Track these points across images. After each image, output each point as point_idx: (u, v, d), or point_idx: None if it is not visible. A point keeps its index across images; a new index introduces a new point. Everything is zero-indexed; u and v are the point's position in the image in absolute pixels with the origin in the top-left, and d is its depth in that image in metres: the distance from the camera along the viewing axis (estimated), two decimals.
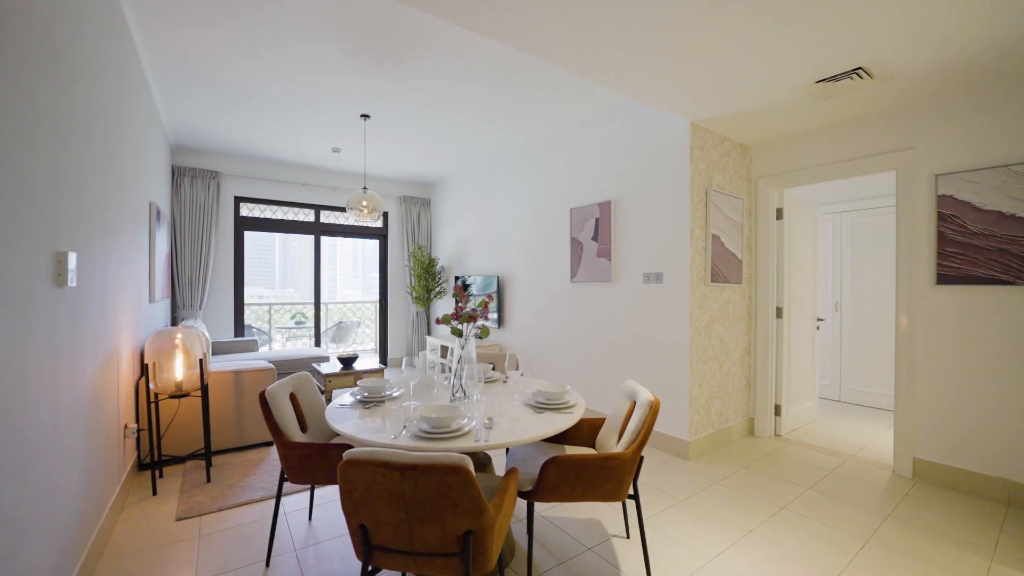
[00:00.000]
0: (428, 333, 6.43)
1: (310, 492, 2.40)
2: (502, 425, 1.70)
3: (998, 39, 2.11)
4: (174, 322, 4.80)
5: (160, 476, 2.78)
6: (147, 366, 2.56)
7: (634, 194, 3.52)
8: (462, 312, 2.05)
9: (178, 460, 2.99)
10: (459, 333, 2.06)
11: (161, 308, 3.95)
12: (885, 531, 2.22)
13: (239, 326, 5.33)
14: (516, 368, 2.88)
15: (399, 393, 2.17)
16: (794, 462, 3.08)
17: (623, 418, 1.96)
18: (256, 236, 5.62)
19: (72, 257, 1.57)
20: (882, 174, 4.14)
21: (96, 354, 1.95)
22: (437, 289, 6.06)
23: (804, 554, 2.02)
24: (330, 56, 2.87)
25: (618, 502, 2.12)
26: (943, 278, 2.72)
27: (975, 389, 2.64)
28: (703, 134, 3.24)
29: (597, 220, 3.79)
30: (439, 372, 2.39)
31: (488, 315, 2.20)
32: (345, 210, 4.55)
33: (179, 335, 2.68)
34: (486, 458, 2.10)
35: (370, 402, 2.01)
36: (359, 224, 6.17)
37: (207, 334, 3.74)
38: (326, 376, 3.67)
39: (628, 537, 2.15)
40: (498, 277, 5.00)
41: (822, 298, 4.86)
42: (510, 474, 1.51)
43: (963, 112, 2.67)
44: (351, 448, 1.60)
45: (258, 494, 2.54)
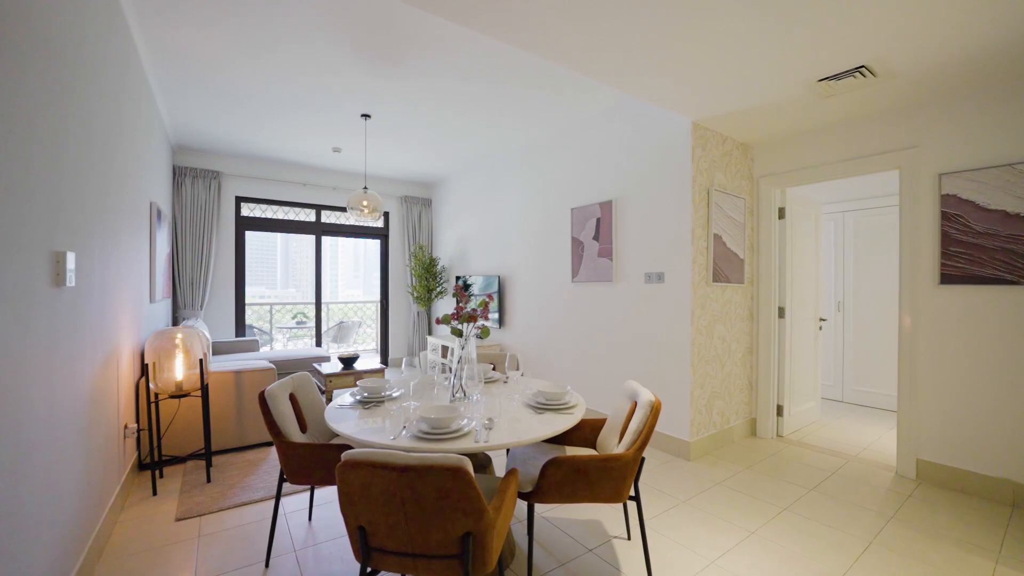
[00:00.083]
0: (429, 333, 6.42)
1: (310, 492, 2.39)
2: (502, 426, 1.69)
3: (1002, 36, 2.09)
4: (175, 322, 4.80)
5: (160, 476, 2.78)
6: (147, 366, 2.56)
7: (635, 193, 3.51)
8: (462, 312, 2.04)
9: (178, 460, 2.99)
10: (459, 333, 2.05)
11: (162, 308, 3.95)
12: (888, 533, 2.20)
13: (240, 326, 5.33)
14: (517, 368, 2.88)
15: (399, 393, 2.16)
16: (796, 463, 3.07)
17: (624, 419, 1.95)
18: (258, 236, 5.63)
19: (71, 257, 1.57)
20: (885, 173, 4.12)
21: (95, 354, 1.94)
22: (438, 289, 6.06)
23: (806, 556, 2.01)
24: (331, 56, 2.87)
25: (619, 503, 2.10)
26: (947, 278, 2.70)
27: (979, 390, 2.62)
28: (704, 133, 3.23)
29: (598, 220, 3.78)
30: (439, 372, 2.37)
31: (488, 315, 2.19)
32: (346, 210, 4.55)
33: (179, 335, 2.68)
34: (486, 459, 2.09)
35: (370, 402, 2.00)
36: (360, 224, 6.16)
37: (208, 334, 3.74)
38: (327, 376, 3.67)
39: (629, 538, 2.14)
40: (499, 277, 4.99)
41: (825, 298, 4.84)
42: (510, 475, 1.50)
43: (967, 110, 2.65)
44: (350, 449, 1.59)
45: (258, 494, 2.54)
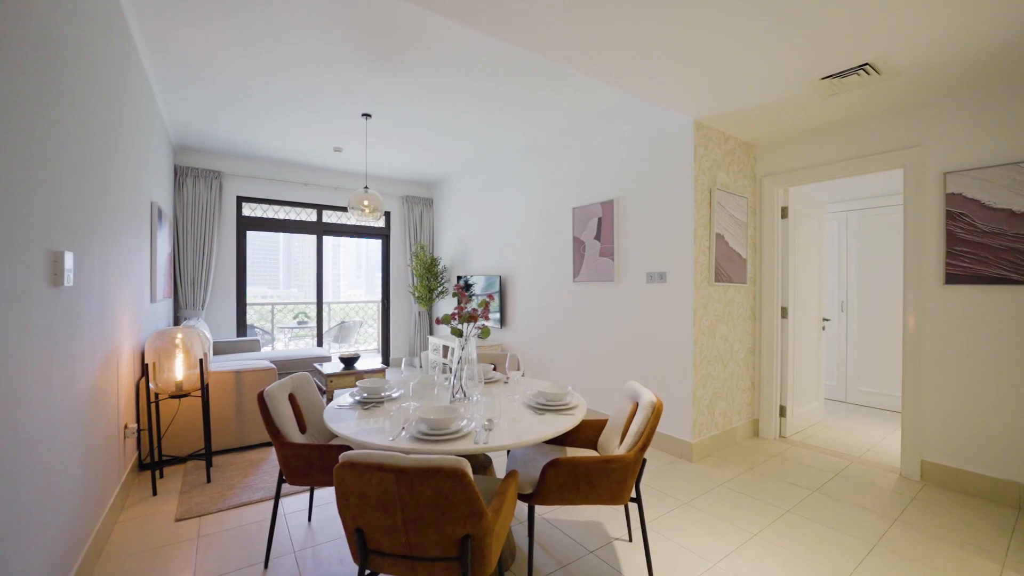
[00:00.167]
0: (430, 333, 6.41)
1: (310, 493, 2.38)
2: (502, 427, 1.68)
3: (1007, 34, 2.06)
4: (176, 322, 4.81)
5: (160, 476, 2.77)
6: (147, 366, 2.55)
7: (637, 193, 3.49)
8: (462, 312, 2.02)
9: (179, 460, 2.98)
10: (459, 333, 2.04)
11: (163, 308, 3.95)
12: (893, 535, 2.18)
13: (241, 326, 5.33)
14: (517, 368, 2.86)
15: (399, 394, 2.15)
16: (799, 464, 3.04)
17: (625, 420, 1.94)
18: (261, 236, 5.64)
19: (68, 257, 1.56)
20: (889, 172, 4.09)
21: (95, 354, 1.94)
22: (439, 289, 6.05)
23: (810, 558, 1.99)
24: (331, 55, 2.86)
25: (620, 505, 2.09)
26: (952, 277, 2.68)
27: (984, 390, 2.59)
28: (707, 132, 3.21)
29: (600, 219, 3.76)
30: (439, 372, 2.36)
31: (489, 315, 2.17)
32: (347, 210, 4.54)
33: (179, 335, 2.67)
34: (486, 460, 2.07)
35: (369, 403, 1.99)
36: (361, 224, 6.16)
37: (208, 334, 3.74)
38: (327, 376, 3.66)
39: (631, 540, 2.12)
40: (500, 277, 4.98)
41: (828, 298, 4.81)
42: (509, 477, 1.49)
43: (972, 109, 2.63)
44: (349, 450, 1.58)
45: (258, 495, 2.53)
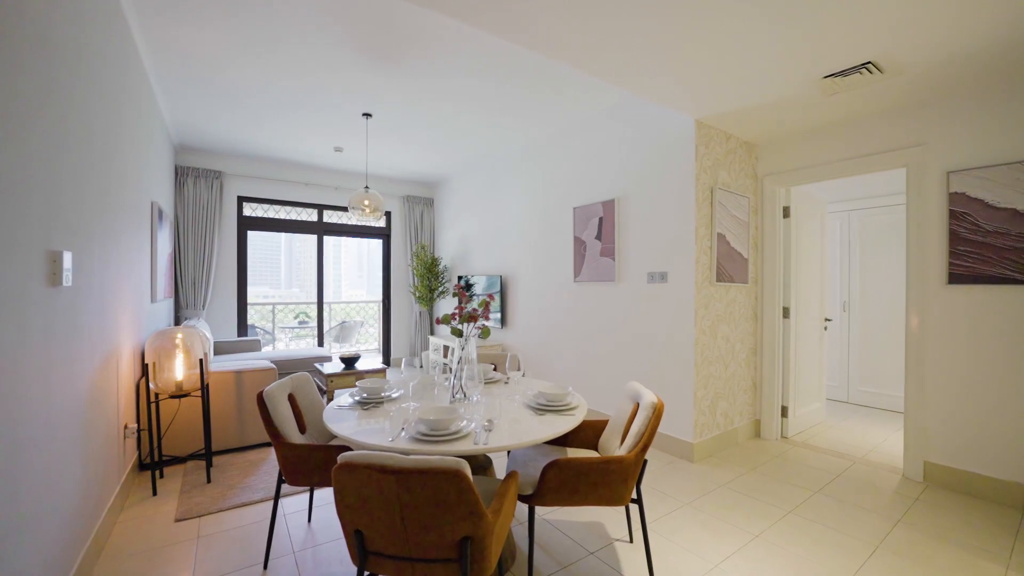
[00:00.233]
0: (431, 333, 6.41)
1: (309, 494, 2.38)
2: (502, 427, 1.67)
3: (1009, 32, 2.05)
4: (177, 322, 4.81)
5: (160, 476, 2.77)
6: (147, 366, 2.55)
7: (638, 192, 3.47)
8: (462, 312, 2.02)
9: (179, 460, 2.98)
10: (459, 333, 2.03)
11: (164, 308, 3.95)
12: (895, 536, 2.16)
13: (242, 326, 5.33)
14: (518, 369, 2.85)
15: (398, 394, 2.14)
16: (801, 465, 3.03)
17: (626, 420, 1.93)
18: (262, 236, 5.64)
19: (67, 256, 1.55)
20: (891, 171, 4.07)
21: (94, 354, 1.93)
22: (440, 289, 6.04)
23: (812, 560, 1.97)
24: (331, 55, 2.85)
25: (621, 506, 2.08)
26: (955, 277, 2.66)
27: (988, 391, 2.58)
28: (708, 131, 3.20)
29: (600, 219, 3.75)
30: (439, 372, 2.35)
31: (489, 315, 2.17)
32: (348, 210, 4.54)
33: (179, 335, 2.67)
34: (486, 460, 2.07)
35: (369, 403, 1.98)
36: (362, 224, 6.16)
37: (209, 334, 3.74)
38: (328, 376, 3.66)
39: (631, 541, 2.11)
40: (501, 277, 4.97)
41: (830, 298, 4.79)
42: (509, 478, 1.48)
43: (975, 107, 2.61)
44: (348, 450, 1.57)
45: (258, 495, 2.53)
